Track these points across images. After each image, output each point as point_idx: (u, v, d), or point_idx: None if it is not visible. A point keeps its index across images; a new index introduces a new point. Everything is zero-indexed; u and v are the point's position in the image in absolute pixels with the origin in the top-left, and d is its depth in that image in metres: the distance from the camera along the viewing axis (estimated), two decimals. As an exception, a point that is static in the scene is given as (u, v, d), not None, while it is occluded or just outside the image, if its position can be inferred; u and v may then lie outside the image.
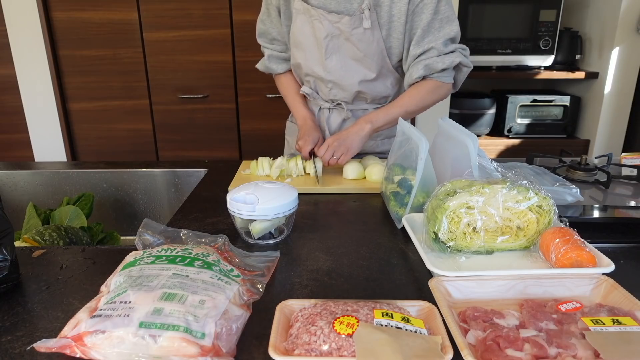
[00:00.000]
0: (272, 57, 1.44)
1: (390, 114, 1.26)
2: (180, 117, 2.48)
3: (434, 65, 1.23)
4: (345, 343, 0.55)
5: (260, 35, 1.43)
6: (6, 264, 0.72)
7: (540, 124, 2.54)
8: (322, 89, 1.38)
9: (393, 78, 1.36)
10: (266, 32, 1.40)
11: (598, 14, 2.45)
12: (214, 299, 0.60)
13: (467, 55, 1.29)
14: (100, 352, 0.54)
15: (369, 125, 1.25)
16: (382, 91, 1.37)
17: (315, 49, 1.31)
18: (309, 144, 1.30)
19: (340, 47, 1.28)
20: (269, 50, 1.44)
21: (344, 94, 1.36)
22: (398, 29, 1.25)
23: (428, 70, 1.24)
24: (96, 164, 1.49)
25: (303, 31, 1.30)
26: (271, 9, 1.36)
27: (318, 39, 1.28)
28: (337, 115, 1.42)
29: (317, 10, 1.25)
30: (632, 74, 2.37)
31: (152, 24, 2.32)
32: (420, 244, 0.79)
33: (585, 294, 0.69)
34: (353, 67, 1.30)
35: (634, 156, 1.24)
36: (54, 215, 1.26)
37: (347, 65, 1.30)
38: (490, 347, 0.55)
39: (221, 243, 0.80)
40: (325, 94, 1.39)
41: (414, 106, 1.29)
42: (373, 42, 1.26)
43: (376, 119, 1.26)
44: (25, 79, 2.40)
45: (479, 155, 0.90)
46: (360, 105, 1.40)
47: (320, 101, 1.42)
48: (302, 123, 1.39)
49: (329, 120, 1.43)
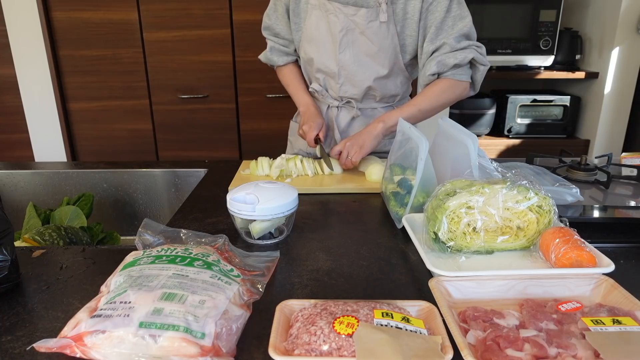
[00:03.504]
0: (274, 49, 1.46)
1: (404, 113, 1.26)
2: (180, 117, 2.48)
3: (447, 61, 1.24)
4: (345, 343, 0.55)
5: (265, 29, 1.46)
6: (6, 264, 0.72)
7: (540, 124, 2.54)
8: (332, 85, 1.39)
9: (403, 77, 1.38)
10: (271, 26, 1.43)
11: (598, 14, 2.45)
12: (214, 299, 0.60)
13: (482, 53, 1.28)
14: (100, 352, 0.54)
15: (382, 124, 1.26)
16: (392, 89, 1.38)
17: (329, 44, 1.32)
18: (313, 129, 1.31)
19: (355, 41, 1.29)
20: (272, 42, 1.46)
21: (354, 91, 1.37)
22: (412, 26, 1.27)
23: (441, 67, 1.25)
24: (96, 164, 1.49)
25: (318, 26, 1.31)
26: (279, 6, 1.38)
27: (333, 33, 1.30)
28: (346, 113, 1.42)
29: (332, 4, 1.27)
30: (632, 74, 2.37)
31: (152, 24, 2.32)
32: (420, 244, 0.79)
33: (585, 294, 0.69)
34: (366, 63, 1.32)
35: (634, 156, 1.24)
36: (54, 215, 1.26)
37: (360, 60, 1.31)
38: (490, 347, 0.55)
39: (221, 243, 0.80)
40: (335, 91, 1.39)
41: (428, 105, 1.28)
42: (388, 37, 1.28)
43: (388, 118, 1.27)
44: (25, 79, 2.40)
45: (479, 155, 0.90)
46: (369, 103, 1.41)
47: (329, 99, 1.43)
48: (305, 109, 1.40)
49: (337, 119, 1.43)
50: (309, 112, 1.38)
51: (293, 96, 1.47)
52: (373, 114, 1.41)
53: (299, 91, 1.44)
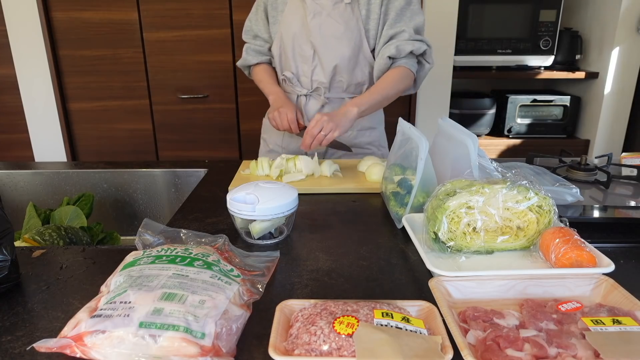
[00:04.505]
0: (249, 49, 1.53)
1: (373, 98, 1.34)
2: (180, 117, 2.48)
3: (404, 47, 1.35)
4: (345, 343, 0.55)
5: (245, 32, 1.54)
6: (6, 264, 0.72)
7: (540, 124, 2.54)
8: (305, 71, 1.44)
9: (369, 67, 1.44)
10: (251, 29, 1.51)
11: (598, 14, 2.45)
12: (214, 299, 0.60)
13: (431, 53, 1.42)
14: (100, 352, 0.54)
15: (356, 109, 1.29)
16: (359, 77, 1.44)
17: (304, 29, 1.39)
18: (292, 110, 1.35)
19: (322, 23, 1.37)
20: (250, 44, 1.53)
21: (323, 75, 1.42)
22: (375, 11, 1.37)
23: (398, 52, 1.35)
24: (96, 164, 1.49)
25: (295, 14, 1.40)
26: (259, 10, 1.48)
27: (306, 18, 1.38)
28: (315, 102, 1.47)
29: None
30: (632, 74, 2.37)
31: (152, 24, 2.32)
32: (420, 244, 0.79)
33: (585, 294, 0.69)
34: (333, 44, 1.38)
35: (634, 156, 1.24)
36: (54, 215, 1.26)
37: (327, 42, 1.38)
38: (490, 347, 0.55)
39: (221, 243, 0.80)
40: (307, 77, 1.44)
41: (389, 92, 1.36)
42: (353, 19, 1.37)
43: (361, 102, 1.32)
44: (25, 79, 2.40)
45: (479, 155, 0.90)
46: (337, 93, 1.46)
47: (298, 88, 1.47)
48: (276, 97, 1.43)
49: (306, 107, 1.48)
50: (280, 98, 1.42)
51: (264, 88, 1.50)
52: (340, 104, 1.46)
53: (270, 84, 1.48)
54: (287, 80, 1.48)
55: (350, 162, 1.38)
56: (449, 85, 2.44)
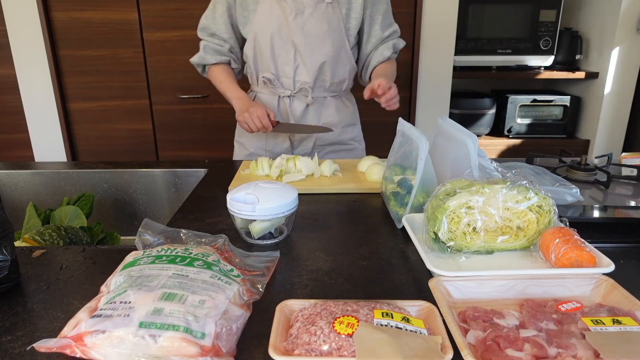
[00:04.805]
0: (208, 47, 1.50)
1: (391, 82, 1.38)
2: (180, 117, 2.48)
3: (398, 45, 1.50)
4: (345, 343, 0.55)
5: (201, 30, 1.51)
6: (6, 264, 0.72)
7: (540, 124, 2.54)
8: (286, 72, 1.43)
9: (350, 65, 1.48)
10: (208, 26, 1.49)
11: (598, 14, 2.45)
12: (214, 299, 0.60)
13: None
14: (100, 352, 0.54)
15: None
16: (341, 75, 1.46)
17: (284, 28, 1.38)
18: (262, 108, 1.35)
19: (305, 24, 1.37)
20: (206, 42, 1.51)
21: (307, 75, 1.42)
22: (356, 9, 1.41)
23: (394, 49, 1.49)
24: (96, 164, 1.49)
25: (272, 13, 1.38)
26: (218, 7, 1.45)
27: (287, 18, 1.37)
28: (299, 102, 1.47)
29: None
30: (632, 74, 2.37)
31: (152, 24, 2.32)
32: (420, 244, 0.79)
33: (585, 294, 0.69)
34: (316, 44, 1.40)
35: (634, 156, 1.24)
36: (54, 215, 1.26)
37: (310, 42, 1.38)
38: (490, 347, 0.55)
39: (221, 243, 0.80)
40: (289, 78, 1.43)
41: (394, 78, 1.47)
42: (334, 18, 1.40)
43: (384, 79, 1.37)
44: (25, 79, 2.40)
45: (479, 155, 0.90)
46: (319, 92, 1.47)
47: (280, 89, 1.46)
48: (241, 101, 1.42)
49: (291, 108, 1.47)
50: (246, 101, 1.42)
51: (226, 91, 1.49)
52: (323, 103, 1.48)
53: (233, 87, 1.47)
54: (267, 82, 1.45)
55: (350, 162, 1.38)
56: (449, 85, 2.44)
